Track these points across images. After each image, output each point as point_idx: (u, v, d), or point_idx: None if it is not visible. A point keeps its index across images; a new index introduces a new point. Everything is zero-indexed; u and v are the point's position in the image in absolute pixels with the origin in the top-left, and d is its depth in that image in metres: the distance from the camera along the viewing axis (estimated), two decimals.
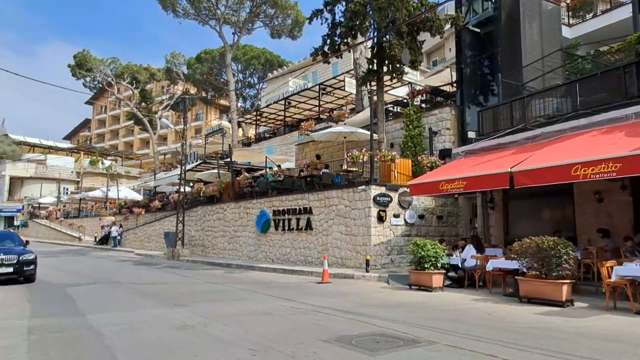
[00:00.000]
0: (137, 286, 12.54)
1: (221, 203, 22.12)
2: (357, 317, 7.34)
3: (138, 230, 29.94)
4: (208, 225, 22.74)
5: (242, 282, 13.28)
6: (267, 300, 9.58)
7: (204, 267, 18.28)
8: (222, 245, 21.38)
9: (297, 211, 16.94)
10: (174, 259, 21.82)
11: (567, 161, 8.54)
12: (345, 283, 12.31)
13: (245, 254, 19.68)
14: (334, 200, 15.45)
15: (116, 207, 35.37)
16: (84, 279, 14.60)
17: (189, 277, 14.72)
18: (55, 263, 20.25)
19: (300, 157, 23.37)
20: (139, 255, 24.95)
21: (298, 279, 13.74)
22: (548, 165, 8.82)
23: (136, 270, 17.62)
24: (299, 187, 17.89)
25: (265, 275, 15.02)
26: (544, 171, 8.83)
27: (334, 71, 43.92)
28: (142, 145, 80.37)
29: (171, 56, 54.09)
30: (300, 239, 16.77)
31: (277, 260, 17.68)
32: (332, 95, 32.87)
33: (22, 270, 13.11)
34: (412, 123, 16.44)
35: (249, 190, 20.78)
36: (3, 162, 55.93)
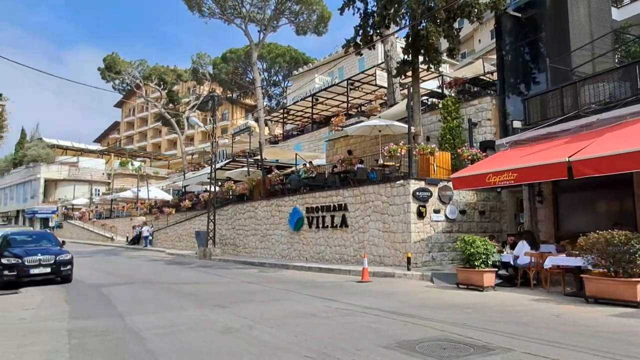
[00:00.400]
0: (172, 286, 12.30)
1: (252, 201, 21.85)
2: (411, 319, 6.80)
3: (169, 229, 30.06)
4: (239, 224, 22.51)
5: (278, 281, 12.89)
6: (308, 300, 9.13)
7: (237, 267, 18.01)
8: (254, 244, 21.11)
9: (331, 208, 16.46)
10: (205, 258, 21.68)
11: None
12: (387, 282, 11.75)
13: (278, 253, 19.33)
14: (371, 196, 14.89)
15: (147, 207, 35.68)
16: (118, 278, 14.50)
17: (223, 277, 14.44)
18: (89, 263, 20.37)
19: (331, 153, 22.87)
20: (170, 254, 24.97)
21: (336, 277, 13.26)
22: (617, 153, 8.05)
23: (169, 269, 17.49)
24: (332, 183, 17.40)
25: (301, 274, 14.60)
26: (612, 159, 8.07)
27: (361, 66, 43.29)
28: (170, 146, 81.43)
29: (197, 56, 54.44)
30: (335, 236, 16.29)
31: (312, 258, 17.25)
32: (360, 91, 32.28)
33: (59, 271, 13.07)
34: (450, 114, 15.72)
35: (280, 188, 20.43)
36: (38, 165, 57.48)
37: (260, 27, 42.50)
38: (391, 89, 22.36)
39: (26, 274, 12.55)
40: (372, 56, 44.37)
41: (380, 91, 31.26)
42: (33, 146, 60.20)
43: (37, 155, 57.82)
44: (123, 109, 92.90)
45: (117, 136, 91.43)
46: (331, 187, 17.22)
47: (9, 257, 12.64)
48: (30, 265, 12.63)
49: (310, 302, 8.83)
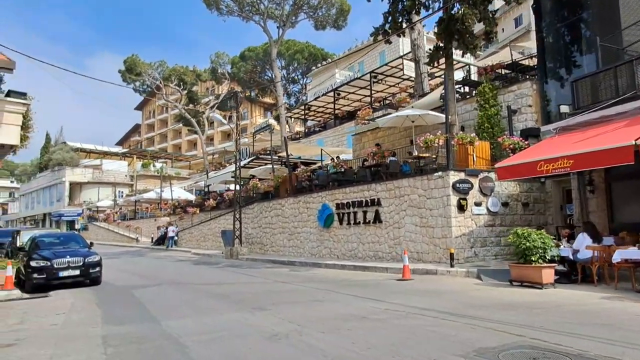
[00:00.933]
0: (203, 287, 11.82)
1: (278, 198, 21.33)
2: (475, 322, 6.11)
3: (193, 229, 29.82)
4: (265, 222, 22.03)
5: (312, 280, 12.30)
6: (352, 301, 8.50)
7: (266, 266, 17.50)
8: (282, 242, 20.59)
9: (363, 203, 15.80)
10: (232, 257, 21.26)
11: None
12: (429, 280, 11.04)
13: (307, 251, 18.76)
14: (406, 189, 14.18)
15: (170, 207, 35.59)
16: (147, 280, 14.13)
17: (254, 277, 13.92)
18: (116, 264, 20.15)
19: (358, 147, 22.20)
20: (196, 254, 24.67)
21: (373, 276, 12.60)
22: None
23: (198, 270, 17.09)
24: (362, 178, 16.73)
25: (335, 273, 13.98)
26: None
27: (382, 60, 42.46)
28: (190, 147, 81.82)
29: (215, 56, 54.32)
30: (368, 233, 15.62)
31: (343, 256, 16.62)
32: (383, 84, 31.50)
33: (88, 273, 12.74)
34: (488, 102, 14.87)
35: (307, 184, 19.85)
36: (62, 168, 58.25)
37: (279, 23, 42.06)
38: (419, 79, 21.56)
39: (55, 277, 12.25)
40: (393, 49, 43.44)
41: (403, 84, 30.45)
42: (58, 150, 61.04)
43: (61, 159, 58.58)
44: (143, 112, 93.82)
45: (138, 138, 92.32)
46: (362, 181, 16.57)
47: (37, 260, 12.37)
48: (59, 268, 12.33)
49: (355, 303, 8.20)
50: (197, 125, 51.49)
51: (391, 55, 41.26)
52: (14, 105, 11.57)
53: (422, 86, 21.25)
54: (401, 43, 42.45)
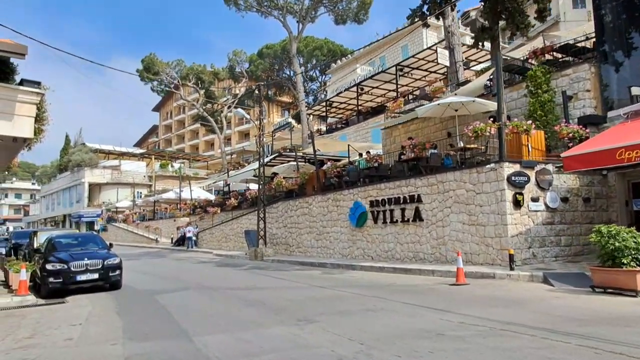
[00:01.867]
0: (234, 292, 10.71)
1: (305, 197, 20.17)
2: (591, 343, 4.84)
3: (214, 229, 28.88)
4: (291, 222, 20.90)
5: (352, 285, 11.10)
6: (411, 310, 7.28)
7: (295, 268, 16.36)
8: (309, 242, 19.43)
9: (400, 200, 14.53)
10: (257, 259, 20.18)
11: None
12: (490, 285, 9.73)
13: (338, 252, 17.56)
14: (451, 184, 12.87)
15: (190, 207, 34.76)
16: (171, 283, 13.11)
17: (286, 280, 12.78)
18: (137, 266, 19.24)
19: (389, 142, 20.92)
20: (218, 255, 23.67)
21: (419, 279, 11.33)
22: None
23: (223, 272, 16.04)
24: (399, 173, 15.47)
25: (373, 276, 12.75)
26: None
27: (405, 53, 41.09)
28: (207, 148, 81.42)
29: (233, 54, 53.59)
30: (406, 232, 14.35)
31: (378, 257, 15.38)
32: (409, 77, 30.15)
33: (107, 276, 11.76)
34: (540, 87, 13.46)
35: (336, 181, 18.66)
36: (82, 169, 58.14)
37: (298, 18, 40.96)
38: (454, 68, 20.18)
39: (72, 281, 11.29)
40: (416, 42, 42.07)
41: (431, 77, 29.04)
42: (77, 151, 61.01)
43: (80, 159, 58.48)
44: (161, 113, 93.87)
45: (156, 139, 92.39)
46: (398, 177, 15.30)
47: (54, 263, 11.42)
48: (77, 271, 11.36)
49: (417, 314, 6.98)
50: (215, 124, 50.76)
51: (414, 49, 39.85)
52: (27, 94, 10.60)
53: (457, 76, 19.88)
54: (425, 36, 41.08)
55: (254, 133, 72.47)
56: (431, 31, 42.13)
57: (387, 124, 20.69)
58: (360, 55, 47.42)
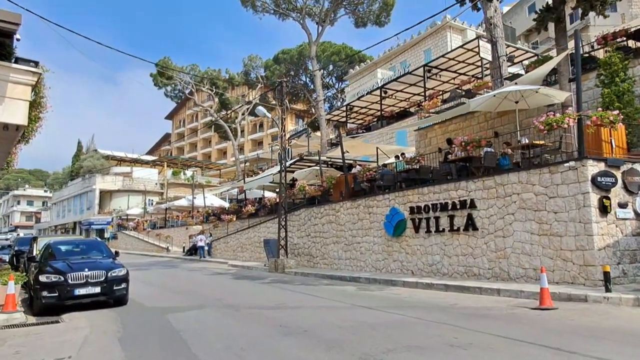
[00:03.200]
0: (263, 313, 8.84)
1: (331, 203, 18.32)
2: None
3: (229, 238, 27.08)
4: (315, 231, 19.02)
5: (403, 305, 9.18)
6: (516, 349, 5.34)
7: (323, 282, 14.46)
8: (336, 253, 17.52)
9: (448, 206, 12.61)
10: (277, 271, 18.31)
11: None
12: (588, 310, 7.72)
13: (370, 264, 15.63)
14: (514, 187, 10.94)
15: (203, 215, 33.08)
16: (185, 299, 11.29)
17: (319, 297, 10.88)
18: (147, 277, 17.49)
19: (423, 144, 19.03)
20: (234, 266, 21.83)
21: (484, 300, 9.36)
22: None
23: (242, 286, 14.19)
24: (444, 175, 13.57)
25: (424, 294, 10.80)
26: None
27: (427, 57, 39.31)
28: (220, 156, 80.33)
29: (249, 59, 52.30)
30: (456, 243, 12.40)
31: (420, 271, 13.42)
32: (436, 79, 28.32)
33: (111, 290, 9.97)
34: (617, 75, 11.52)
35: (368, 186, 16.80)
36: (93, 176, 57.02)
37: (317, 20, 39.51)
38: (496, 63, 18.26)
39: (70, 296, 9.53)
40: (440, 45, 40.30)
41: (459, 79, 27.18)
42: (88, 157, 60.05)
43: (92, 166, 57.43)
44: (173, 121, 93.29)
45: (168, 147, 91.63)
46: (444, 180, 13.41)
47: (48, 274, 9.68)
48: (75, 284, 9.61)
49: (528, 354, 5.04)
50: (229, 131, 49.30)
51: (438, 52, 38.08)
52: (22, 74, 8.94)
53: (500, 72, 17.97)
54: (449, 39, 39.31)
55: (267, 141, 71.16)
56: (455, 34, 40.44)
57: (423, 123, 18.81)
58: (380, 60, 45.84)
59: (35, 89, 9.86)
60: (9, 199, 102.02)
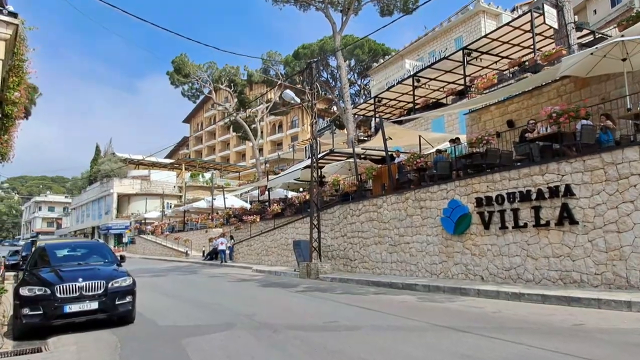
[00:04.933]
0: (312, 337, 6.45)
1: (370, 198, 15.89)
2: None
3: (252, 241, 24.82)
4: (352, 230, 16.59)
5: (500, 325, 6.70)
6: None
7: (370, 290, 12.02)
8: (378, 255, 15.05)
9: (531, 195, 10.06)
10: (310, 276, 15.95)
11: None
12: None
13: (423, 268, 13.12)
14: (635, 166, 8.34)
15: (223, 216, 30.95)
16: (207, 314, 8.97)
17: (376, 311, 8.44)
18: (162, 285, 15.32)
19: (476, 128, 16.45)
20: (260, 272, 19.53)
21: (609, 316, 6.80)
22: None
23: (274, 296, 11.84)
24: (524, 157, 11.00)
25: (513, 307, 8.27)
26: None
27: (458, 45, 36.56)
28: (239, 159, 78.68)
29: (267, 56, 50.23)
30: (544, 241, 9.82)
31: (493, 277, 10.86)
32: (476, 64, 25.63)
33: (112, 306, 7.70)
34: None
35: (416, 176, 14.33)
36: (110, 180, 55.70)
37: (342, 9, 37.16)
38: (563, 32, 15.66)
39: (58, 314, 7.32)
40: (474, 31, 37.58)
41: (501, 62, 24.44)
42: (106, 161, 58.85)
43: (109, 169, 56.13)
44: (191, 124, 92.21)
45: (187, 151, 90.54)
46: (520, 164, 10.85)
47: (31, 285, 7.48)
48: (65, 299, 7.40)
49: None
50: (249, 130, 47.27)
51: (470, 39, 35.34)
52: None
53: (569, 40, 15.35)
54: (483, 24, 36.61)
55: (287, 142, 69.06)
56: (490, 19, 37.78)
57: (473, 107, 16.25)
58: (406, 52, 43.34)
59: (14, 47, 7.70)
60: (30, 205, 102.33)
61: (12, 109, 9.14)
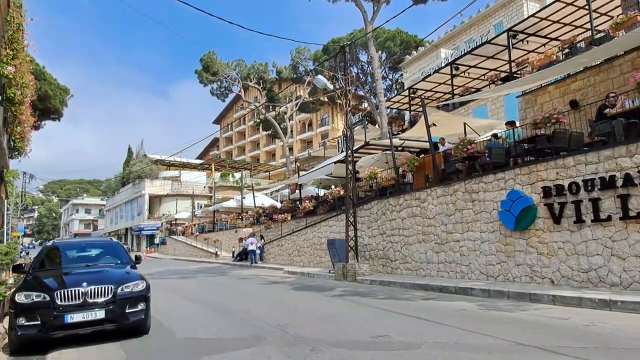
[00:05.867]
0: (358, 358, 5.08)
1: (412, 192, 14.36)
2: None
3: (283, 240, 23.62)
4: (392, 227, 15.11)
5: (611, 346, 5.13)
6: None
7: (416, 294, 10.54)
8: (423, 255, 13.52)
9: (616, 181, 8.36)
10: (346, 278, 14.56)
11: None
12: None
13: (477, 269, 11.52)
14: None
15: (253, 216, 29.93)
16: (233, 324, 7.71)
17: (432, 322, 6.97)
18: (188, 288, 14.28)
19: (530, 112, 14.66)
20: (291, 273, 18.28)
21: None
22: None
23: (308, 302, 10.52)
24: (603, 138, 9.28)
25: (608, 318, 6.65)
26: None
27: (498, 31, 34.39)
28: (268, 158, 78.09)
29: (296, 52, 49.16)
30: (635, 236, 8.11)
31: (567, 280, 9.19)
32: (522, 48, 23.59)
33: (122, 315, 6.54)
34: None
35: (464, 166, 12.74)
36: (142, 181, 55.90)
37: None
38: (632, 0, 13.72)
39: (59, 324, 6.22)
40: (515, 17, 35.28)
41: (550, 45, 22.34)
42: (137, 162, 59.20)
43: (140, 170, 56.34)
44: (221, 125, 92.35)
45: (217, 152, 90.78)
46: (599, 145, 9.15)
47: (29, 291, 6.40)
48: (67, 306, 6.29)
49: None
50: (279, 128, 46.29)
51: (511, 23, 33.15)
52: None
53: None
54: (526, 7, 34.33)
55: (317, 140, 67.85)
56: (533, 1, 35.41)
57: (528, 88, 14.46)
58: (441, 42, 41.31)
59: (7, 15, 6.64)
60: (68, 207, 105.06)
61: (14, 92, 8.18)
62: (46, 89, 34.56)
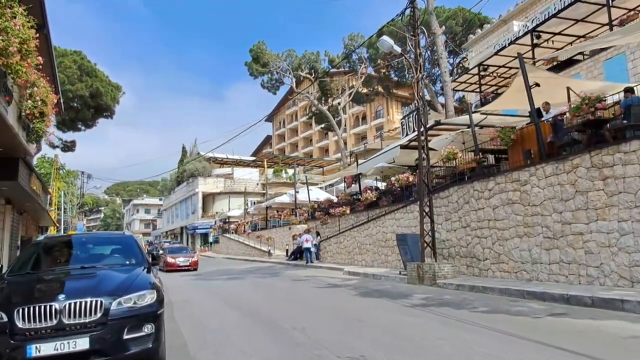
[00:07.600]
0: None
1: (507, 172, 11.35)
2: None
3: (342, 237, 21.11)
4: (478, 218, 12.16)
5: None
6: None
7: (532, 306, 7.65)
8: (525, 253, 10.50)
9: None
10: (423, 282, 11.80)
11: None
12: None
13: (614, 271, 8.40)
14: None
15: (308, 211, 27.68)
16: (280, 349, 5.24)
17: None
18: (234, 292, 12.11)
19: None
20: (353, 274, 15.72)
21: None
22: None
23: (380, 314, 7.88)
24: None
25: None
26: None
27: None
28: (322, 154, 76.08)
29: (349, 38, 46.58)
30: None
31: None
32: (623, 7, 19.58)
33: (116, 342, 4.18)
34: None
35: (585, 136, 9.60)
36: (195, 179, 55.56)
37: None
38: None
39: (21, 358, 4.00)
40: None
41: None
42: (191, 160, 59.07)
43: (194, 169, 56.04)
44: (273, 122, 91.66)
45: (270, 150, 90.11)
46: None
47: None
48: (30, 331, 4.06)
49: None
50: (332, 119, 43.91)
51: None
52: None
53: None
54: None
55: (372, 134, 64.81)
56: None
57: None
58: (509, 16, 37.05)
59: None
60: (130, 208, 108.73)
61: (6, 60, 6.40)
62: (97, 86, 34.23)
